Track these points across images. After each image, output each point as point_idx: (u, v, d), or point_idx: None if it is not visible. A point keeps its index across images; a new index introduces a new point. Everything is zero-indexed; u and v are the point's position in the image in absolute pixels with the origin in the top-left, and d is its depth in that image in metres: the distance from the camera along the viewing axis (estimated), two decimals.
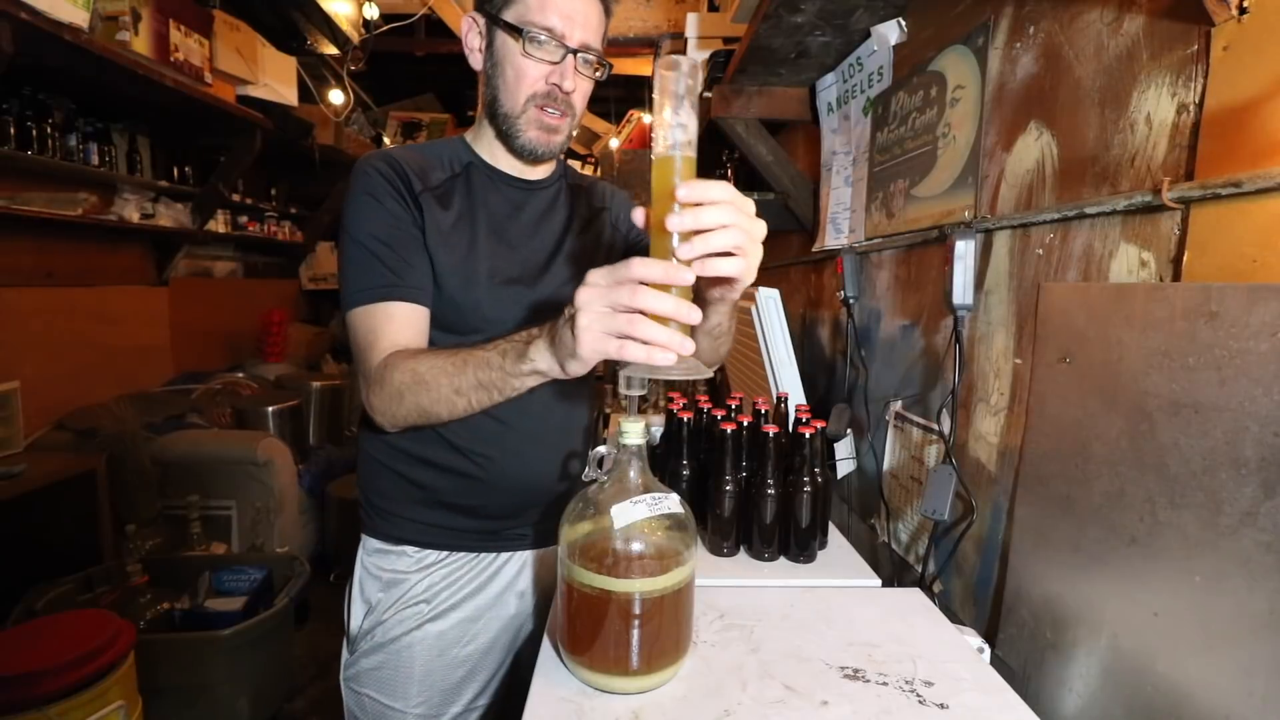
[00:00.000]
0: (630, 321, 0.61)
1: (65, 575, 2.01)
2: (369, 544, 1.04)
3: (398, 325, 0.87)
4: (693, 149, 0.66)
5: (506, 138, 0.96)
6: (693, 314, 0.62)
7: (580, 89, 0.94)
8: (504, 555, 1.05)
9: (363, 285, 0.88)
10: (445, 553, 1.02)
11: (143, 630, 1.87)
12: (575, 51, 0.90)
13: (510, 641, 1.07)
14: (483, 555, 1.03)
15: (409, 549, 1.01)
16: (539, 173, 1.04)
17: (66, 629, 1.50)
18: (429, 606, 1.00)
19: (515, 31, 0.88)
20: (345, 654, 1.05)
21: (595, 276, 0.63)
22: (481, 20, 0.93)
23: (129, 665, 1.55)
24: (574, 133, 1.00)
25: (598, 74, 0.95)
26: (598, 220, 1.10)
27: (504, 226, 0.99)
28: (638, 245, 1.13)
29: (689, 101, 0.65)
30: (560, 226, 1.05)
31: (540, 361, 0.71)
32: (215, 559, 2.31)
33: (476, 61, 0.96)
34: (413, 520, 1.01)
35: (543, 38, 0.88)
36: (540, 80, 0.91)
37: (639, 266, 0.61)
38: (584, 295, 0.63)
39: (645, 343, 0.60)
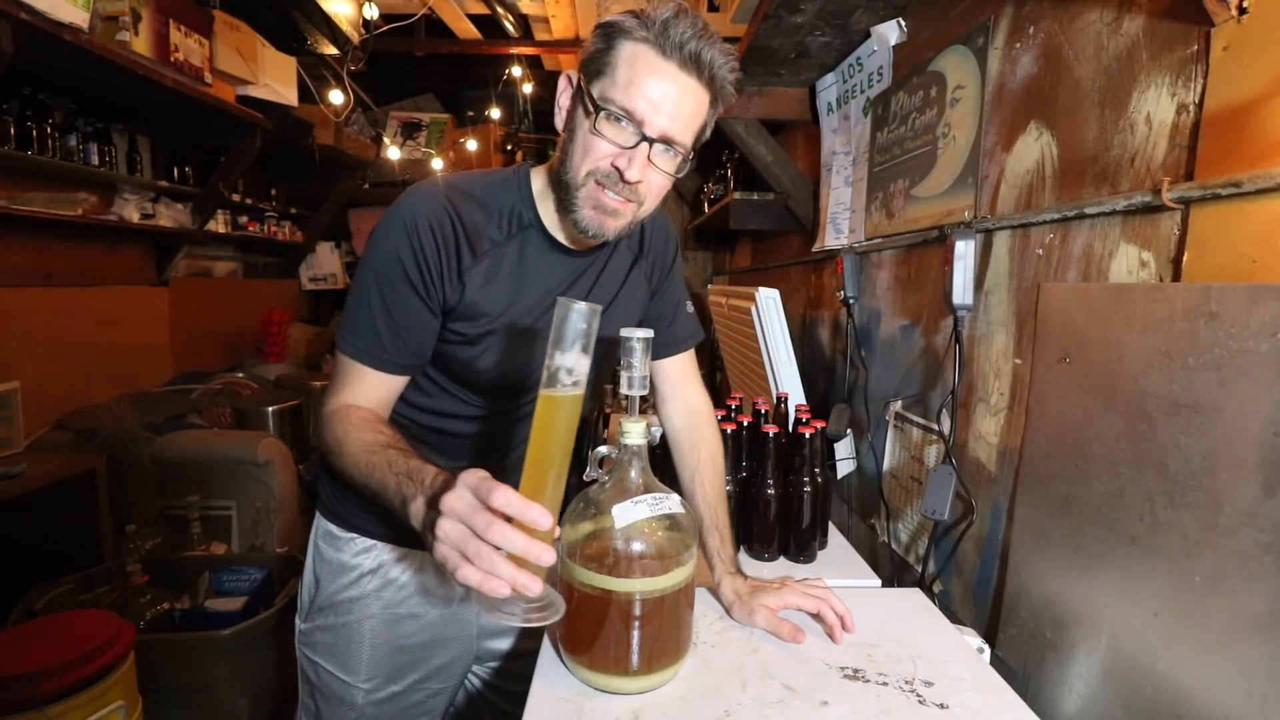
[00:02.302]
0: (478, 552, 0.59)
1: (65, 575, 2.00)
2: (321, 525, 1.06)
3: (365, 387, 0.88)
4: (580, 388, 0.66)
5: (565, 207, 0.88)
6: (544, 555, 0.60)
7: (650, 181, 0.83)
8: None
9: (353, 339, 0.87)
10: (392, 546, 1.03)
11: (143, 630, 1.87)
12: (651, 141, 0.80)
13: (455, 633, 1.08)
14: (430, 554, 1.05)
15: (357, 537, 1.03)
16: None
17: (66, 629, 1.50)
18: (375, 600, 1.02)
19: (593, 105, 0.80)
20: (300, 622, 1.08)
21: (464, 486, 0.61)
22: (575, 75, 0.85)
23: (129, 665, 1.55)
24: (641, 221, 0.91)
25: (677, 171, 0.84)
26: (633, 274, 1.03)
27: (547, 308, 0.92)
28: (654, 308, 1.09)
29: (580, 345, 0.64)
30: (610, 294, 1.00)
31: (414, 522, 0.69)
32: (215, 559, 2.30)
33: (560, 120, 0.87)
34: (363, 509, 1.02)
35: (620, 118, 0.79)
36: (605, 159, 0.81)
37: (500, 497, 0.59)
38: (449, 501, 0.61)
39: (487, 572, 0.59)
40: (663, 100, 0.78)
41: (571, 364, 0.64)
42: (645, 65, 0.77)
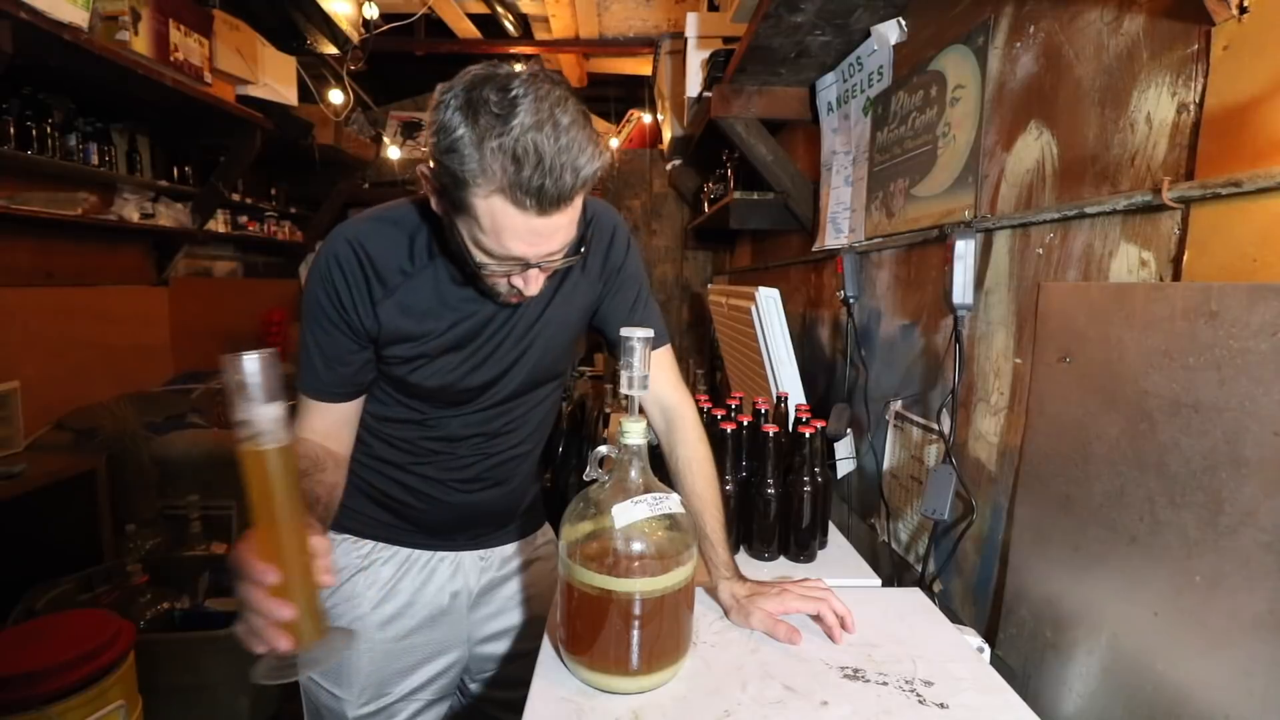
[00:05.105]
0: (245, 618, 0.62)
1: (65, 575, 2.01)
2: None
3: (312, 417, 0.93)
4: (271, 440, 0.62)
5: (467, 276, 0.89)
6: (278, 610, 0.61)
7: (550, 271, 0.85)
8: (439, 554, 1.09)
9: (300, 375, 0.93)
10: (382, 545, 1.06)
11: (143, 630, 1.87)
12: (538, 265, 0.80)
13: (448, 638, 1.09)
14: (418, 553, 1.08)
15: (349, 537, 1.05)
16: None
17: (66, 629, 1.50)
18: (367, 600, 1.04)
19: (471, 258, 0.79)
20: None
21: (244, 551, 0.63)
22: (435, 184, 0.79)
23: (129, 665, 1.55)
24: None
25: (568, 256, 0.84)
26: (566, 285, 1.00)
27: (475, 329, 0.94)
28: (603, 311, 1.06)
29: (261, 396, 0.62)
30: (538, 310, 0.98)
31: None
32: (215, 559, 2.30)
33: (437, 209, 0.82)
34: (353, 509, 1.05)
35: (501, 266, 0.79)
36: (500, 281, 0.83)
37: (252, 569, 0.61)
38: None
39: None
40: (535, 239, 0.76)
41: (254, 417, 0.61)
42: (507, 220, 0.74)
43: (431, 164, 0.77)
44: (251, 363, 0.61)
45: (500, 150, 0.69)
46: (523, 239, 0.76)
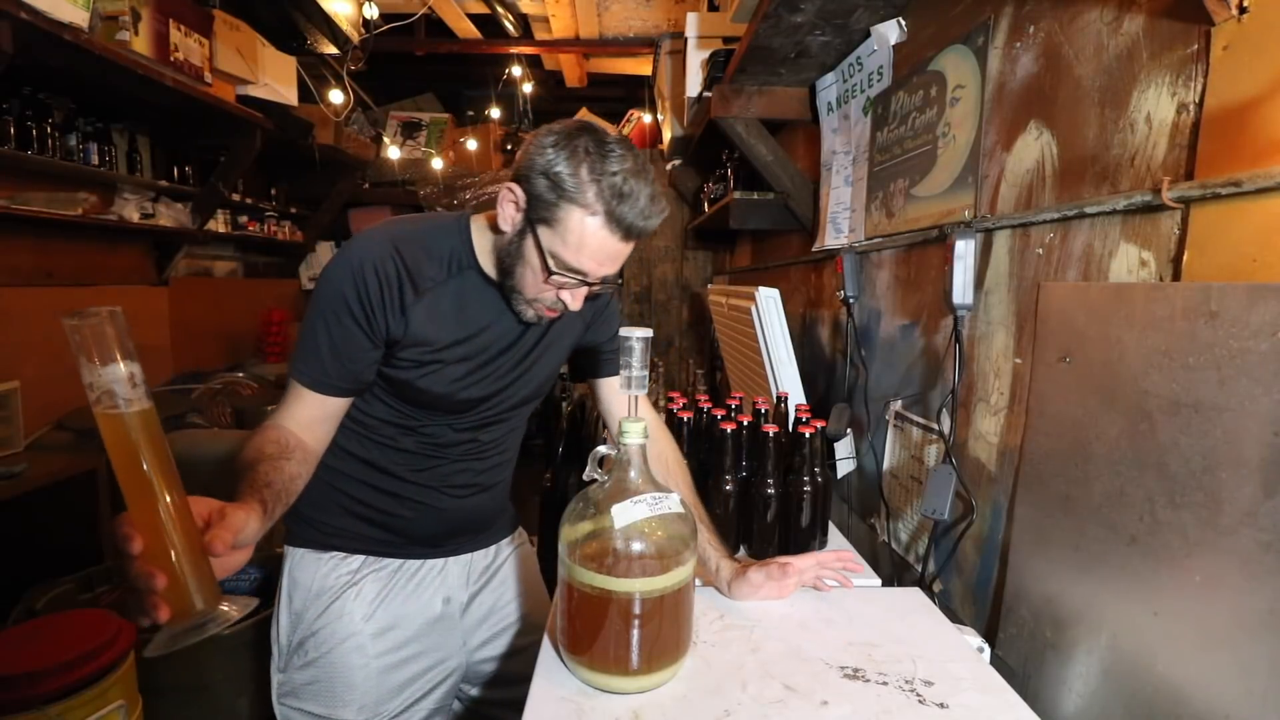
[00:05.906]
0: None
1: (65, 575, 2.00)
2: (294, 554, 1.08)
3: (299, 406, 0.95)
4: (125, 402, 0.59)
5: (505, 296, 0.97)
6: (151, 580, 0.60)
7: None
8: (428, 563, 1.10)
9: (300, 365, 0.94)
10: (370, 558, 1.06)
11: (143, 630, 1.87)
12: (592, 284, 0.92)
13: (444, 646, 1.10)
14: (407, 562, 1.09)
15: (336, 554, 1.05)
16: None
17: (66, 629, 1.50)
18: (359, 614, 1.03)
19: (545, 265, 0.89)
20: (277, 674, 1.06)
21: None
22: (521, 198, 0.89)
23: (129, 665, 1.55)
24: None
25: (610, 287, 0.97)
26: (566, 314, 1.04)
27: (484, 345, 1.01)
28: (591, 334, 1.15)
29: (92, 354, 0.58)
30: (543, 325, 1.05)
31: None
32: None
33: (504, 224, 0.92)
34: (339, 528, 1.06)
35: (569, 278, 0.90)
36: (552, 294, 0.93)
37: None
38: None
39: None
40: (606, 260, 0.90)
41: (102, 378, 0.58)
42: (594, 239, 0.87)
43: (520, 182, 0.89)
44: (96, 320, 0.57)
45: (609, 186, 0.84)
46: (596, 258, 0.88)
